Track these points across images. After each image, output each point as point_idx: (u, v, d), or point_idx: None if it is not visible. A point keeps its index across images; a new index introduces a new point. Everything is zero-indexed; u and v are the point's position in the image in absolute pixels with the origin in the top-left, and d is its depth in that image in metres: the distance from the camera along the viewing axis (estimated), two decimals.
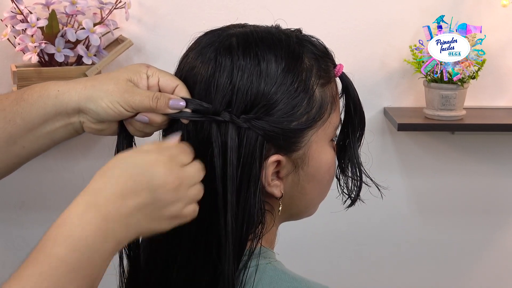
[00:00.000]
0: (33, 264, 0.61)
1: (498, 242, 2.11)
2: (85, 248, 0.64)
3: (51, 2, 1.79)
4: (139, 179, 0.70)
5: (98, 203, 0.67)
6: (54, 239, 0.64)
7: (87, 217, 0.66)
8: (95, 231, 0.65)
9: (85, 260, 0.63)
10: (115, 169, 0.71)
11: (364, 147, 0.90)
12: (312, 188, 0.84)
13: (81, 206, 0.67)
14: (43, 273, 0.60)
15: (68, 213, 0.67)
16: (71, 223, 0.65)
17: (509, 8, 1.84)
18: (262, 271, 0.79)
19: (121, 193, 0.69)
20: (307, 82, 0.79)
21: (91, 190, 0.69)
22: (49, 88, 0.81)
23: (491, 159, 2.03)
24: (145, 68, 0.81)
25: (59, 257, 0.62)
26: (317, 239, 2.11)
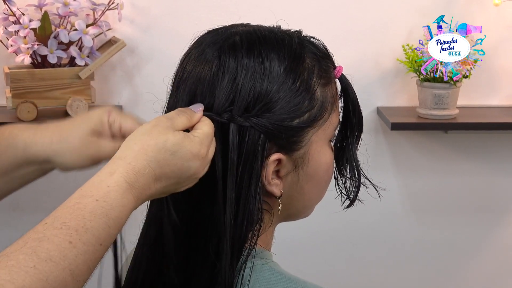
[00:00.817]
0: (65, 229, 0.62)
1: (491, 241, 2.12)
2: (115, 225, 0.66)
3: (44, 3, 1.78)
4: (177, 168, 0.72)
5: (137, 185, 0.69)
6: (92, 212, 0.65)
7: (126, 199, 0.68)
8: (127, 212, 0.68)
9: (112, 236, 0.66)
10: (160, 153, 0.71)
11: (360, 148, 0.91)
12: (310, 188, 0.84)
13: (123, 185, 0.68)
14: (73, 242, 0.61)
15: (108, 189, 0.67)
16: (111, 202, 0.66)
17: (501, 8, 1.85)
18: (258, 271, 0.79)
19: (158, 177, 0.71)
20: (309, 81, 0.79)
21: (132, 168, 0.69)
22: (17, 137, 0.83)
23: (484, 158, 2.04)
24: (106, 116, 0.83)
25: (93, 232, 0.63)
26: (312, 239, 2.11)
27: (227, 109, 0.76)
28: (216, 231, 0.77)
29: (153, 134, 0.73)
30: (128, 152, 0.71)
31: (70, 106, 1.81)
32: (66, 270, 0.60)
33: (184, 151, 0.72)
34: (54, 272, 0.59)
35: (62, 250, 0.60)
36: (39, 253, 0.59)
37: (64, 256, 0.60)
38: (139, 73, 1.95)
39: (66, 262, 0.60)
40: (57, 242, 0.61)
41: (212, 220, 0.77)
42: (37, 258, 0.59)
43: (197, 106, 0.77)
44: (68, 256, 0.60)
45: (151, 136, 0.72)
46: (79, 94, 1.83)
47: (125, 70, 1.95)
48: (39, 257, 0.59)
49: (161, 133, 0.73)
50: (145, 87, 1.95)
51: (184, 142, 0.73)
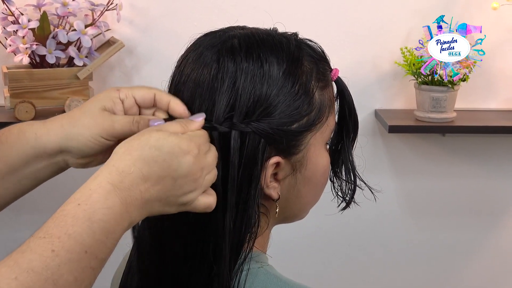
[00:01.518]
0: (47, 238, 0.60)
1: (488, 243, 2.13)
2: (101, 230, 0.63)
3: (43, 3, 1.79)
4: (166, 165, 0.69)
5: (122, 186, 0.66)
6: (74, 217, 0.62)
7: (110, 201, 0.64)
8: (114, 216, 0.64)
9: (99, 243, 0.63)
10: (144, 150, 0.69)
11: (356, 150, 0.91)
12: (307, 191, 0.84)
13: (105, 187, 0.65)
14: (56, 250, 0.59)
15: (90, 192, 0.65)
16: (93, 204, 0.63)
17: (499, 11, 1.85)
18: (254, 275, 0.79)
19: (147, 177, 0.68)
20: (308, 85, 0.79)
21: (115, 169, 0.67)
22: (27, 131, 0.79)
23: (482, 161, 2.04)
24: (116, 93, 0.79)
25: (76, 237, 0.61)
26: (308, 241, 2.11)
27: (228, 114, 0.75)
28: (214, 235, 0.76)
29: (138, 135, 0.71)
30: (114, 156, 0.69)
31: (68, 106, 1.81)
32: (49, 280, 0.57)
33: (170, 145, 0.69)
34: (37, 283, 0.57)
35: (44, 259, 0.58)
36: (21, 264, 0.57)
37: (46, 266, 0.58)
38: (137, 74, 1.95)
39: (48, 272, 0.58)
40: (39, 252, 0.59)
41: (210, 223, 0.76)
42: (18, 269, 0.57)
43: (198, 116, 0.75)
44: (50, 266, 0.58)
45: (135, 137, 0.71)
46: (78, 95, 1.83)
47: (123, 71, 1.95)
48: (20, 268, 0.57)
49: (145, 133, 0.71)
50: None
51: (169, 137, 0.70)
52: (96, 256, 0.62)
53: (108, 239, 0.63)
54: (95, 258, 0.62)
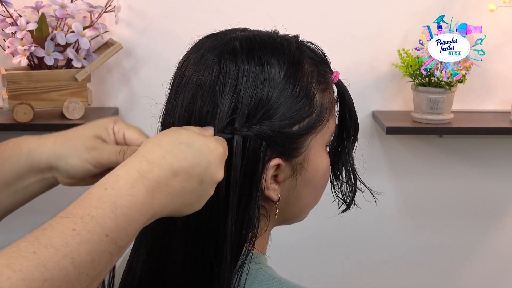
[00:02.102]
0: (70, 217, 0.60)
1: (486, 244, 2.13)
2: (124, 217, 0.62)
3: (41, 5, 1.79)
4: (196, 162, 0.69)
5: (150, 176, 0.66)
6: (99, 199, 0.62)
7: (136, 188, 0.64)
8: (137, 204, 0.64)
9: (120, 229, 0.62)
10: (174, 145, 0.69)
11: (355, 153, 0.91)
12: (307, 193, 0.84)
13: (133, 174, 0.65)
14: (77, 229, 0.59)
15: (118, 178, 0.65)
16: (119, 190, 0.63)
17: (496, 13, 1.86)
18: (253, 276, 0.79)
19: (176, 171, 0.68)
20: (309, 87, 0.79)
21: (145, 159, 0.67)
22: (21, 144, 0.80)
23: (479, 162, 2.05)
24: (112, 124, 0.80)
25: (98, 219, 0.60)
26: (308, 243, 2.11)
27: (229, 118, 0.75)
28: (215, 236, 0.76)
29: (166, 131, 0.72)
30: (142, 148, 0.69)
31: (66, 108, 1.81)
32: (67, 257, 0.57)
33: (200, 143, 0.70)
34: (54, 258, 0.56)
35: (64, 237, 0.58)
36: (41, 240, 0.57)
37: (66, 243, 0.58)
38: (135, 76, 1.96)
39: (67, 249, 0.57)
40: (60, 230, 0.59)
41: (211, 225, 0.76)
42: (38, 244, 0.57)
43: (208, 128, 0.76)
44: (70, 243, 0.58)
45: (164, 133, 0.71)
46: (76, 96, 1.83)
47: (121, 73, 1.96)
48: (40, 243, 0.57)
49: (174, 130, 0.72)
50: (141, 89, 1.96)
51: (198, 136, 0.71)
52: (116, 241, 0.62)
53: (130, 227, 0.63)
54: (114, 243, 0.61)
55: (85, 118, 1.84)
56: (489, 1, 1.86)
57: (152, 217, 0.67)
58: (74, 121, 1.82)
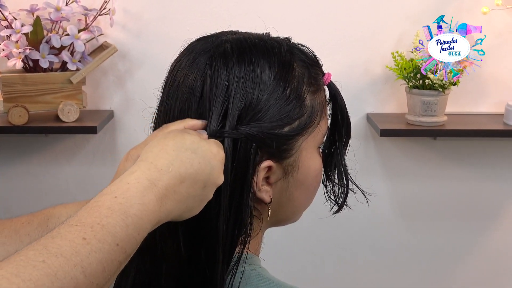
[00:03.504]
0: (80, 226, 0.59)
1: (480, 246, 2.14)
2: (134, 226, 0.62)
3: (36, 8, 1.79)
4: (201, 168, 0.69)
5: (160, 184, 0.66)
6: (109, 208, 0.62)
7: (147, 198, 0.64)
8: (147, 213, 0.64)
9: (130, 238, 0.62)
10: (181, 151, 0.69)
11: (348, 154, 0.91)
12: (299, 194, 0.84)
13: (143, 182, 0.65)
14: (87, 238, 0.58)
15: (128, 186, 0.64)
16: (130, 199, 0.63)
17: (489, 16, 1.87)
18: (247, 277, 0.79)
19: (183, 178, 0.68)
20: (299, 89, 0.79)
21: (154, 166, 0.67)
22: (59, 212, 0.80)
23: (473, 164, 2.06)
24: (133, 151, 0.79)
25: (109, 228, 0.60)
26: (301, 244, 2.12)
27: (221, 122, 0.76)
28: (207, 238, 0.77)
29: (170, 136, 0.72)
30: (149, 154, 0.69)
31: (61, 110, 1.82)
32: (77, 266, 0.56)
33: (203, 149, 0.70)
34: (64, 267, 0.55)
35: (74, 246, 0.57)
36: (50, 249, 0.56)
37: (76, 252, 0.57)
38: (130, 78, 1.96)
39: (78, 258, 0.56)
40: (70, 238, 0.58)
41: (203, 227, 0.77)
42: (47, 253, 0.56)
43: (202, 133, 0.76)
44: (80, 252, 0.57)
45: (168, 138, 0.71)
46: (71, 99, 1.83)
47: (116, 75, 1.96)
48: (49, 252, 0.56)
49: (177, 134, 0.72)
50: (136, 92, 1.96)
51: (201, 141, 0.71)
52: (125, 250, 0.61)
53: (139, 236, 0.63)
54: (124, 252, 0.61)
55: (80, 120, 1.84)
56: (483, 4, 1.87)
57: (157, 224, 0.67)
58: (69, 123, 1.82)
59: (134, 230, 0.62)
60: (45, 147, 2.02)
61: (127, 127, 1.99)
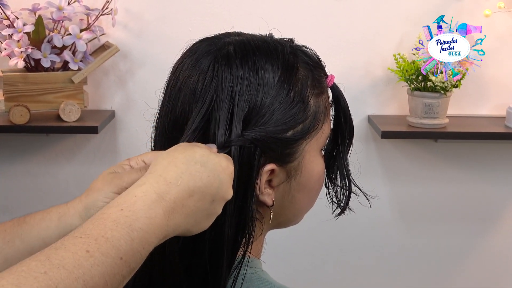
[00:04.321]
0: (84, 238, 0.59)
1: (480, 248, 2.14)
2: (139, 240, 0.61)
3: (38, 7, 1.79)
4: (210, 182, 0.68)
5: (168, 197, 0.65)
6: (115, 221, 0.61)
7: (154, 211, 0.63)
8: (154, 227, 0.63)
9: (135, 252, 0.61)
10: (190, 164, 0.68)
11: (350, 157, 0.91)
12: (302, 197, 0.84)
13: (151, 196, 0.64)
14: (90, 251, 0.57)
15: (135, 199, 0.64)
16: (136, 212, 0.62)
17: (491, 18, 1.87)
18: (248, 280, 0.79)
19: (192, 191, 0.67)
20: (303, 92, 0.79)
21: (163, 179, 0.66)
22: (51, 211, 0.78)
23: (474, 167, 2.05)
24: (126, 161, 0.80)
25: (113, 242, 0.59)
26: (302, 247, 2.12)
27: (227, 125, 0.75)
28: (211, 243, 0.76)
29: (179, 149, 0.70)
30: (158, 166, 0.68)
31: (62, 110, 1.82)
32: (79, 280, 0.55)
33: (213, 162, 0.69)
34: (66, 280, 0.54)
35: (77, 258, 0.56)
36: (53, 260, 0.55)
37: (79, 265, 0.56)
38: (132, 78, 1.96)
39: (80, 271, 0.56)
40: (73, 250, 0.57)
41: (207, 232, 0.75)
42: (49, 264, 0.55)
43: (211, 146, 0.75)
44: (83, 265, 0.56)
45: (178, 151, 0.70)
46: (72, 98, 1.83)
47: (118, 75, 1.96)
48: (51, 263, 0.55)
49: (187, 148, 0.71)
50: (137, 92, 1.96)
51: (211, 155, 0.70)
52: (129, 264, 0.60)
53: (144, 250, 0.62)
54: (128, 266, 0.60)
55: (81, 120, 1.84)
56: (484, 7, 1.87)
57: (164, 238, 0.66)
58: (70, 123, 1.82)
59: (139, 244, 0.61)
60: (46, 146, 2.02)
61: (128, 127, 1.99)
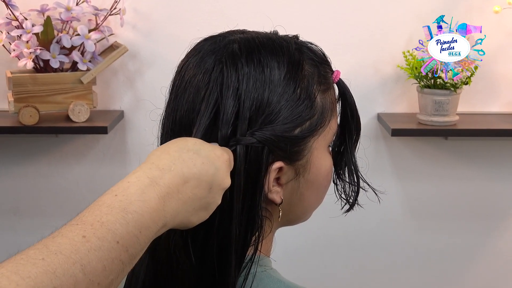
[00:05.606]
0: (80, 224, 0.59)
1: (490, 246, 2.13)
2: (135, 223, 0.62)
3: (46, 8, 1.79)
4: (205, 169, 0.69)
5: (161, 182, 0.65)
6: (109, 206, 0.61)
7: (147, 195, 0.64)
8: (149, 210, 0.63)
9: (131, 236, 0.61)
10: (182, 152, 0.69)
11: (358, 152, 0.91)
12: (310, 194, 0.83)
13: (144, 180, 0.65)
14: (87, 236, 0.58)
15: (128, 184, 0.64)
16: (129, 196, 0.63)
17: (501, 15, 1.86)
18: (258, 279, 0.78)
19: (187, 177, 0.67)
20: (309, 89, 0.78)
21: (156, 166, 0.67)
22: None
23: (484, 164, 2.04)
24: None
25: (108, 226, 0.60)
26: (311, 244, 2.11)
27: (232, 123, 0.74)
28: (219, 241, 0.76)
29: (172, 141, 0.72)
30: (151, 156, 0.69)
31: (72, 110, 1.82)
32: (76, 264, 0.56)
33: (206, 150, 0.70)
34: (63, 265, 0.55)
35: (74, 244, 0.57)
36: (50, 247, 0.56)
37: (75, 250, 0.57)
38: (140, 78, 1.96)
39: (77, 256, 0.56)
40: (70, 236, 0.58)
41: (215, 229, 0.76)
42: (47, 251, 0.56)
43: None
44: (80, 250, 0.57)
45: (170, 142, 0.71)
46: (81, 99, 1.83)
47: (126, 75, 1.96)
48: (49, 250, 0.56)
49: (179, 139, 0.72)
50: (146, 92, 1.96)
51: (204, 143, 0.71)
52: (127, 249, 0.61)
53: (141, 234, 0.62)
54: (125, 251, 0.61)
55: (90, 120, 1.84)
56: (494, 3, 1.86)
57: (164, 226, 0.66)
58: (80, 123, 1.82)
59: (135, 228, 0.61)
60: (56, 147, 2.02)
61: (137, 127, 2.00)
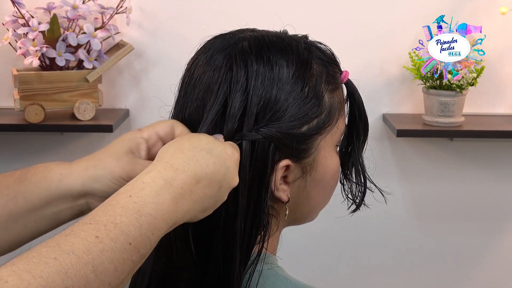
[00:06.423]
0: (93, 224, 0.59)
1: (495, 248, 2.12)
2: (148, 225, 0.62)
3: (53, 6, 1.80)
4: (216, 169, 0.69)
5: (175, 183, 0.66)
6: (123, 207, 0.62)
7: (162, 197, 0.64)
8: (162, 213, 0.64)
9: (144, 237, 0.61)
10: (196, 151, 0.69)
11: (365, 152, 0.91)
12: (317, 193, 0.84)
13: (159, 182, 0.65)
14: (100, 237, 0.58)
15: (143, 185, 0.65)
16: (144, 197, 0.63)
17: (507, 16, 1.85)
18: (264, 277, 0.79)
19: (199, 178, 0.68)
20: (317, 87, 0.79)
21: (170, 166, 0.67)
22: (52, 170, 0.78)
23: (490, 166, 2.04)
24: (139, 133, 0.80)
25: (122, 227, 0.60)
26: (317, 242, 2.11)
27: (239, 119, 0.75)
28: (224, 237, 0.76)
29: (185, 137, 0.72)
30: (165, 154, 0.69)
31: (77, 108, 1.82)
32: (89, 265, 0.56)
33: (219, 149, 0.71)
34: (76, 266, 0.55)
35: (87, 244, 0.57)
36: (63, 246, 0.56)
37: (88, 250, 0.57)
38: (146, 77, 1.96)
39: (89, 256, 0.56)
40: (83, 236, 0.58)
41: (221, 226, 0.76)
42: (59, 250, 0.56)
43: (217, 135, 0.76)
44: (92, 251, 0.57)
45: (184, 139, 0.71)
46: (87, 97, 1.84)
47: (132, 74, 1.96)
48: (61, 249, 0.56)
49: (193, 136, 0.72)
50: (152, 91, 1.96)
51: (216, 142, 0.71)
52: (138, 250, 0.61)
53: (153, 235, 0.63)
54: (137, 252, 0.61)
55: (95, 119, 1.84)
56: (501, 4, 1.86)
57: (174, 225, 0.66)
58: (85, 122, 1.83)
59: (148, 230, 0.62)
60: (61, 145, 2.03)
61: (142, 126, 1.99)
